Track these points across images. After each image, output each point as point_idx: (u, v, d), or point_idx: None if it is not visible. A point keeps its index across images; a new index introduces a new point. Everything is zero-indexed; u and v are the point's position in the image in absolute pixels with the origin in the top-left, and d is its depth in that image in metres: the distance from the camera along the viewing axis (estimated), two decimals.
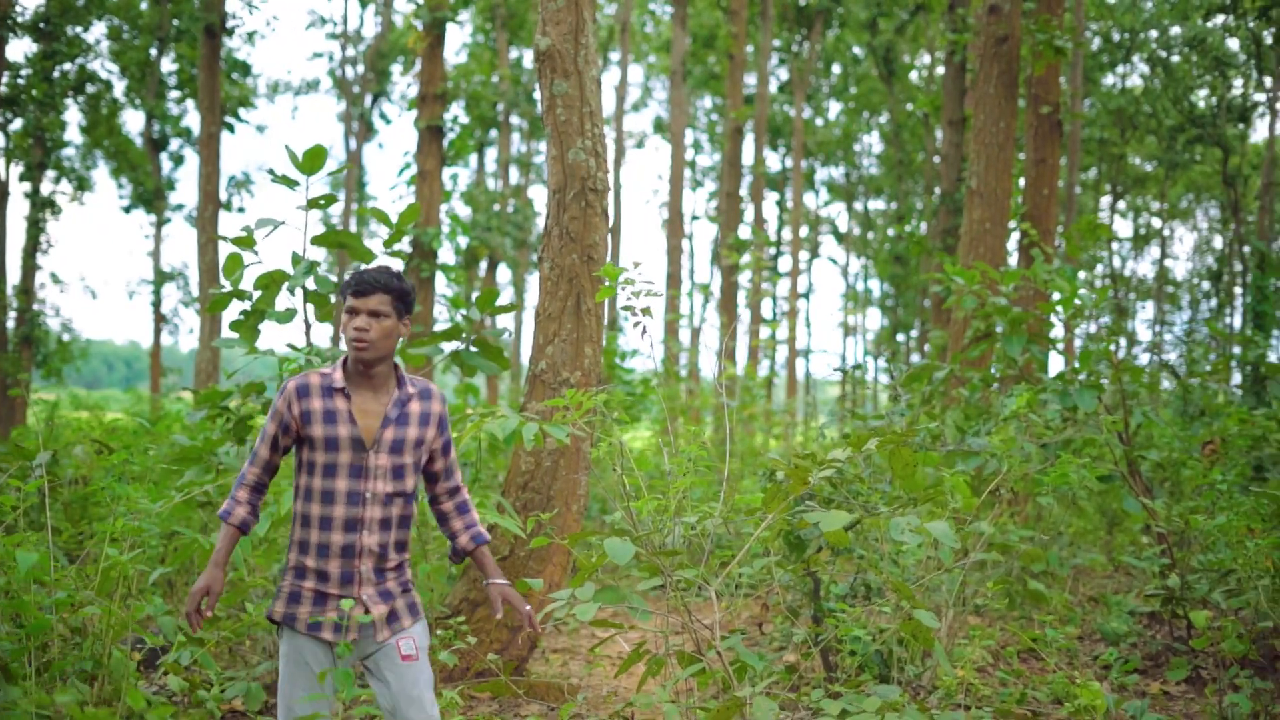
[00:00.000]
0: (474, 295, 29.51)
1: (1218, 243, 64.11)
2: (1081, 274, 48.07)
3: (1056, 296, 10.56)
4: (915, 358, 42.56)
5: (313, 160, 7.95)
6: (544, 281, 8.21)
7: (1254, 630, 7.64)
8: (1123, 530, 14.71)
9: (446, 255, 26.94)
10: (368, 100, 37.80)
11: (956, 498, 7.86)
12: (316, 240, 8.48)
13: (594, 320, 8.14)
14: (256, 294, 8.03)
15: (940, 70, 33.99)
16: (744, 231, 34.14)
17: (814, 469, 5.78)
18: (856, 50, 44.83)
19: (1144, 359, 49.09)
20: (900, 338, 46.41)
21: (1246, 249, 48.98)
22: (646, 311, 6.04)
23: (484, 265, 31.62)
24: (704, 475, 11.49)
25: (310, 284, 8.03)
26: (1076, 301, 10.55)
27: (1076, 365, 10.16)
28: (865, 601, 8.61)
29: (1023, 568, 10.42)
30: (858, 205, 53.95)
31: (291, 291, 8.03)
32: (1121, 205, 56.49)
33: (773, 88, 44.15)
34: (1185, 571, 9.67)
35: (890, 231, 43.39)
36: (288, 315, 8.05)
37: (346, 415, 4.83)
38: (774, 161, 50.12)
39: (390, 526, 4.87)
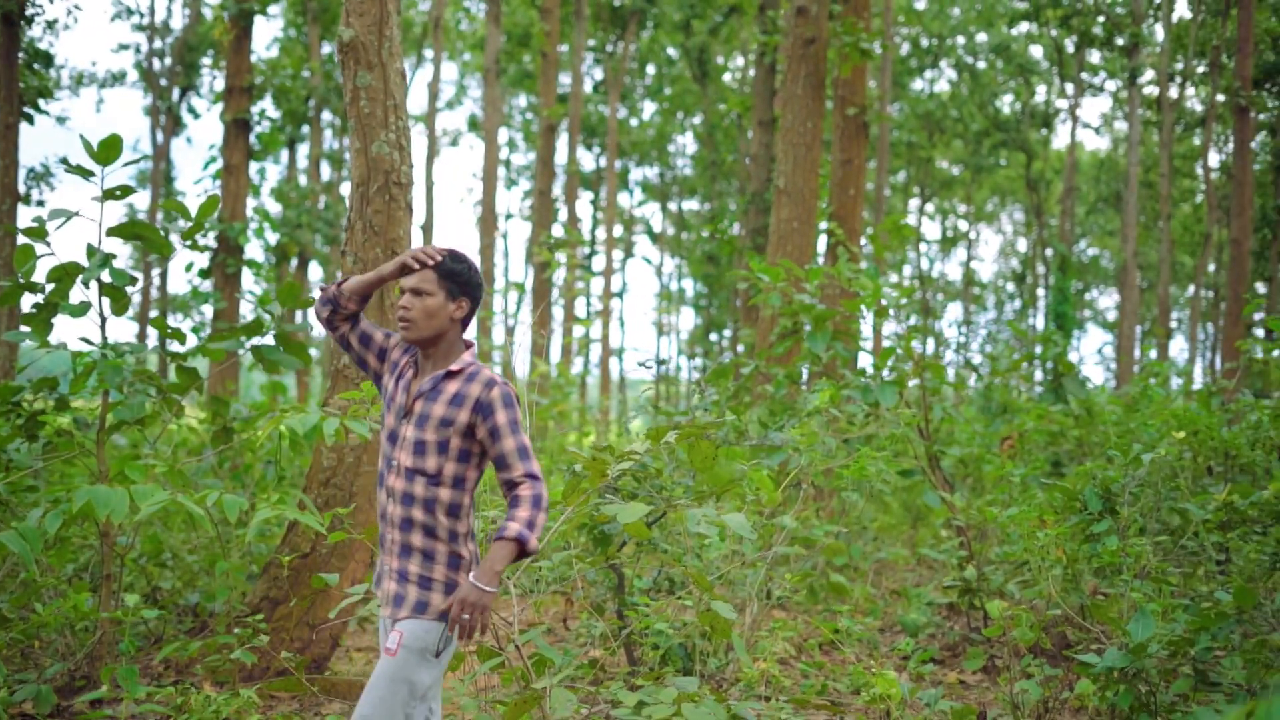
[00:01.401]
0: None
1: (1022, 245, 65.72)
2: (893, 276, 48.87)
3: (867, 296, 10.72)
4: (728, 356, 42.93)
5: (108, 151, 7.74)
6: (345, 275, 8.11)
7: (1044, 619, 7.81)
8: (926, 525, 14.99)
9: (255, 251, 26.52)
10: (175, 94, 37.09)
11: (761, 492, 7.93)
12: (112, 232, 8.28)
13: (396, 315, 8.07)
14: (49, 286, 7.81)
15: (753, 72, 34.34)
16: (557, 230, 34.11)
17: (613, 462, 5.79)
18: (671, 51, 45.05)
19: (950, 358, 50.12)
20: (713, 337, 46.78)
21: (1049, 251, 50.21)
22: None
23: (294, 262, 31.18)
24: None
25: (106, 277, 7.83)
26: (881, 300, 10.72)
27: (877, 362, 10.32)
28: (669, 595, 8.66)
29: (825, 561, 10.56)
30: (672, 205, 54.26)
31: (86, 284, 7.82)
32: (929, 208, 57.59)
33: (587, 87, 44.24)
34: (982, 564, 9.88)
35: (704, 232, 43.68)
36: (81, 309, 7.83)
37: (407, 382, 4.83)
38: (588, 161, 50.27)
39: (413, 504, 4.67)
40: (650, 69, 47.57)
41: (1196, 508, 8.19)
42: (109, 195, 7.81)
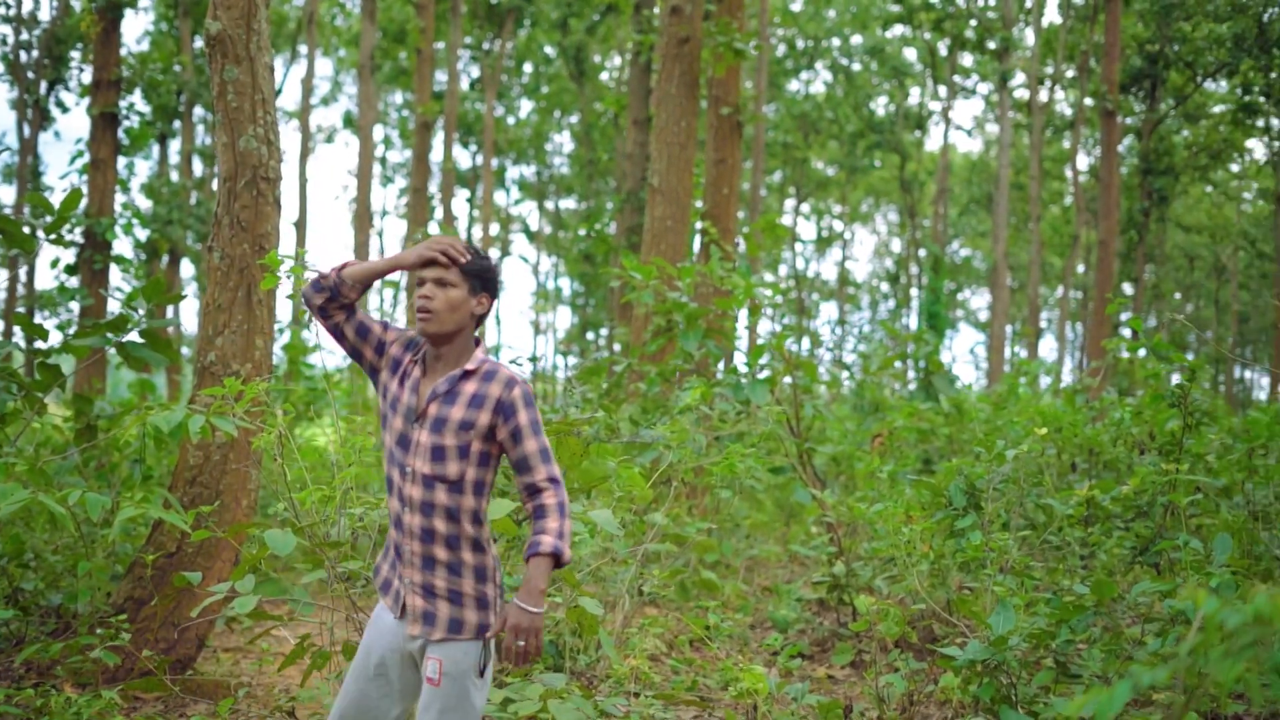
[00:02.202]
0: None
1: (896, 246, 66.44)
2: (769, 275, 49.15)
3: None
4: (604, 355, 42.95)
5: None
6: (213, 272, 8.00)
7: (909, 613, 7.90)
8: (799, 522, 15.09)
9: (125, 248, 26.10)
10: (43, 87, 36.39)
11: (632, 489, 7.94)
12: None
13: (265, 311, 7.97)
14: None
15: (629, 71, 34.41)
16: (433, 228, 33.94)
17: None
18: (548, 50, 45.02)
19: (824, 357, 50.50)
20: (590, 335, 46.80)
21: (922, 252, 50.81)
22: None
23: (165, 259, 30.74)
24: (371, 467, 11.38)
25: None
26: (753, 298, 10.78)
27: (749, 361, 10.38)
28: None
29: (697, 558, 10.60)
30: (549, 204, 54.23)
31: None
32: (805, 208, 58.02)
33: (464, 85, 44.06)
34: (851, 559, 9.97)
35: (581, 230, 43.69)
36: None
37: (414, 383, 4.52)
38: (465, 159, 50.05)
39: (434, 513, 4.38)
40: (527, 67, 47.49)
41: (1059, 503, 8.33)
42: None
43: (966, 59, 46.75)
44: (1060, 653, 6.23)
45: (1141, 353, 14.29)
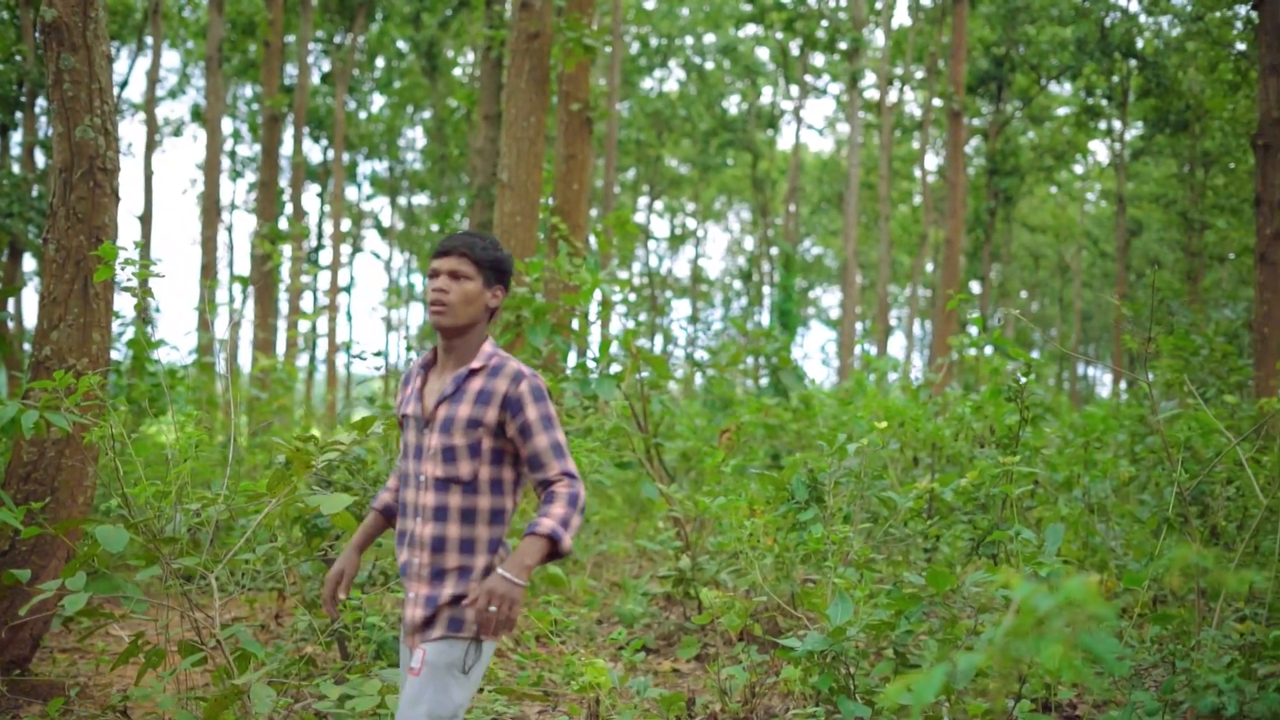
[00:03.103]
0: None
1: (748, 243, 66.93)
2: (622, 272, 49.22)
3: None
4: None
5: None
6: (49, 264, 7.82)
7: (750, 606, 7.95)
8: (648, 517, 15.14)
9: None
10: None
11: None
12: None
13: (103, 305, 7.81)
14: None
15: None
16: (283, 223, 33.58)
17: (317, 453, 5.72)
18: (401, 44, 44.70)
19: (678, 353, 50.71)
20: None
21: (774, 250, 51.22)
22: (147, 292, 5.84)
23: (6, 253, 30.08)
24: (209, 461, 11.22)
25: None
26: (600, 294, 10.79)
27: (597, 356, 10.39)
28: (384, 588, 8.58)
29: None
30: (401, 199, 53.85)
31: None
32: (658, 205, 58.23)
33: (315, 79, 43.61)
34: (698, 554, 10.02)
35: (434, 226, 43.44)
36: None
37: (417, 392, 4.43)
38: (316, 153, 49.53)
39: (447, 518, 4.26)
40: (379, 62, 47.12)
41: (899, 496, 8.43)
42: None
43: (818, 59, 47.25)
44: (899, 643, 6.30)
45: (989, 350, 14.52)
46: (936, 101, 41.36)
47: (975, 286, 48.13)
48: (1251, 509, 8.94)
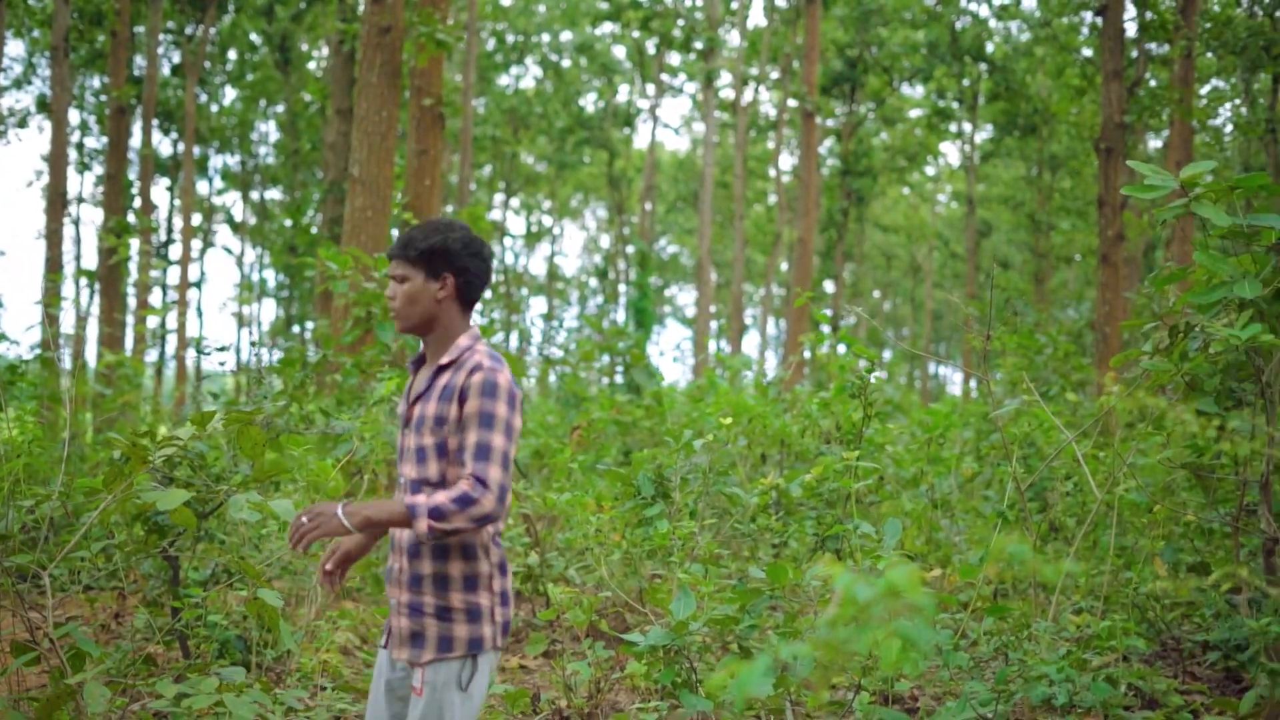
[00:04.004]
0: None
1: (605, 241, 67.02)
2: None
3: None
4: (313, 350, 42.31)
5: None
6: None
7: (595, 601, 7.97)
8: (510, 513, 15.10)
9: None
10: None
11: (326, 481, 7.84)
12: None
13: None
14: None
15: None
16: (131, 217, 33.03)
17: (154, 448, 5.63)
18: (254, 37, 44.13)
19: (534, 351, 50.64)
20: (296, 329, 46.06)
21: (630, 248, 51.35)
22: None
23: None
24: (49, 458, 11.01)
25: None
26: None
27: None
28: (227, 586, 8.48)
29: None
30: (254, 194, 53.16)
31: None
32: (514, 203, 58.11)
33: (165, 70, 42.91)
34: (547, 550, 10.02)
35: (286, 221, 42.99)
36: None
37: (407, 391, 4.30)
38: (166, 146, 48.71)
39: None
40: (232, 54, 46.48)
41: (744, 492, 8.50)
42: None
43: (674, 58, 47.44)
44: (743, 638, 6.35)
45: (843, 348, 14.68)
46: (791, 102, 41.75)
47: (829, 285, 48.65)
48: (1089, 504, 9.14)
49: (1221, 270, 5.94)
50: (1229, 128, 42.10)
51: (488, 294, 50.74)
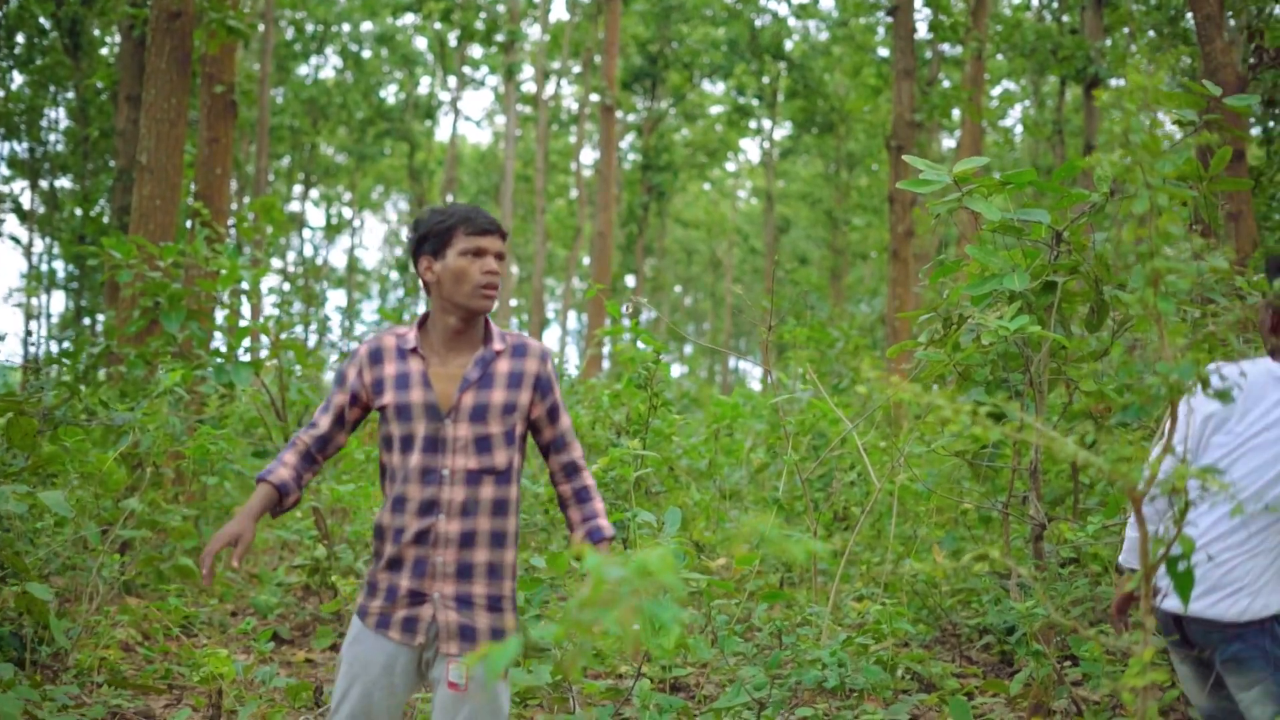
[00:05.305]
0: None
1: (405, 234, 66.48)
2: (276, 261, 48.37)
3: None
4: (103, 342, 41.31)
5: None
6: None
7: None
8: (299, 506, 14.95)
9: None
10: None
11: (102, 473, 7.69)
12: None
13: None
14: None
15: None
16: None
17: None
18: (43, 21, 42.99)
19: (336, 344, 50.14)
20: (87, 321, 44.99)
21: None
22: None
23: None
24: None
25: None
26: (240, 280, 10.59)
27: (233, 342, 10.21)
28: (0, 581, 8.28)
29: (177, 545, 10.35)
30: (43, 182, 51.78)
31: None
32: (314, 194, 57.42)
33: None
34: (335, 543, 9.95)
35: (77, 210, 41.96)
36: None
37: (421, 378, 4.07)
38: None
39: (477, 512, 4.04)
40: (20, 38, 45.22)
41: (531, 484, 8.54)
42: None
43: (475, 51, 47.26)
44: (528, 626, 6.38)
45: (642, 344, 14.78)
46: (593, 97, 41.86)
47: (630, 280, 48.90)
48: (873, 493, 9.34)
49: (993, 263, 6.10)
50: (1019, 129, 43.25)
51: (286, 286, 49.94)
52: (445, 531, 4.04)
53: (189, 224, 15.62)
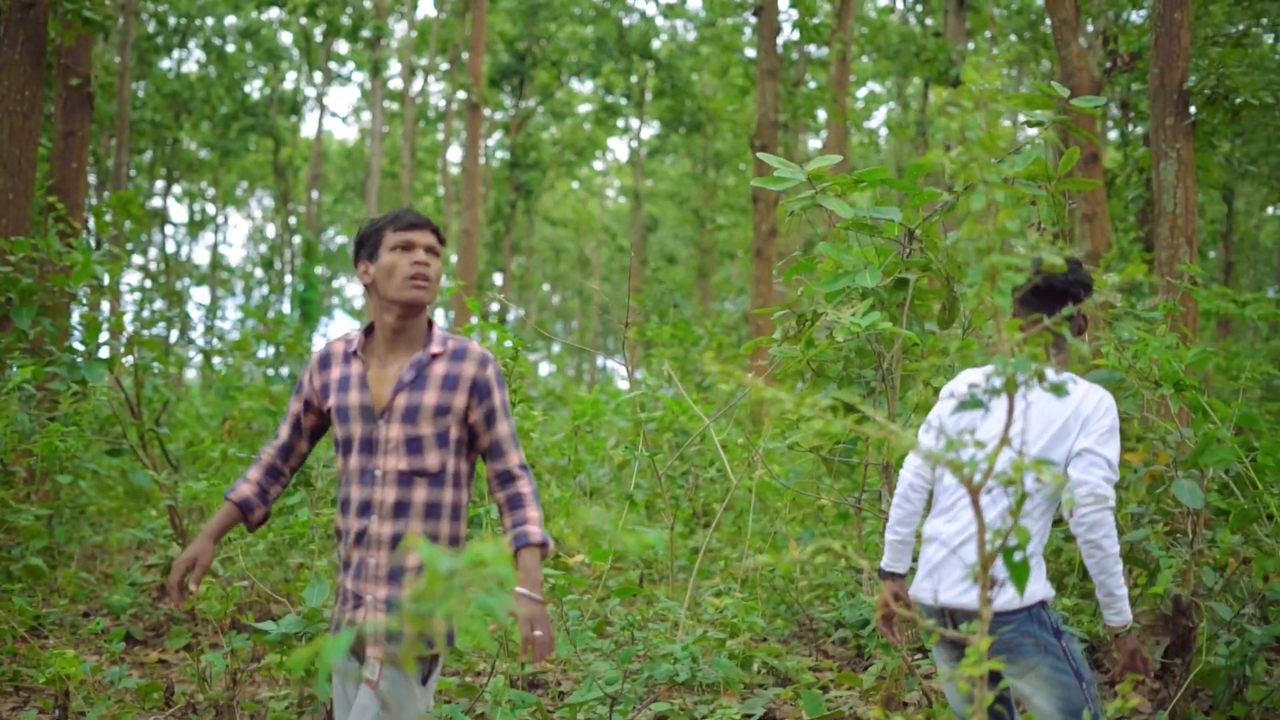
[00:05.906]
0: None
1: (270, 231, 65.82)
2: (138, 257, 47.63)
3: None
4: None
5: None
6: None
7: (236, 592, 7.85)
8: (155, 507, 14.75)
9: None
10: None
11: None
12: None
13: None
14: None
15: None
16: None
17: None
18: None
19: (199, 341, 49.52)
20: None
21: (297, 238, 50.56)
22: None
23: None
24: None
25: None
26: (95, 275, 10.42)
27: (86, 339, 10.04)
28: None
29: (27, 545, 10.17)
30: None
31: None
32: (177, 190, 56.58)
33: None
34: (189, 541, 9.82)
35: None
36: None
37: (359, 380, 4.06)
38: None
39: (409, 514, 3.98)
40: None
41: None
42: None
43: (342, 46, 46.88)
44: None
45: (510, 343, 14.78)
46: (460, 94, 41.70)
47: (497, 278, 48.77)
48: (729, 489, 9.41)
49: (845, 261, 6.17)
50: (884, 130, 43.76)
51: (148, 283, 49.16)
52: (378, 533, 4.04)
53: (43, 218, 15.33)
